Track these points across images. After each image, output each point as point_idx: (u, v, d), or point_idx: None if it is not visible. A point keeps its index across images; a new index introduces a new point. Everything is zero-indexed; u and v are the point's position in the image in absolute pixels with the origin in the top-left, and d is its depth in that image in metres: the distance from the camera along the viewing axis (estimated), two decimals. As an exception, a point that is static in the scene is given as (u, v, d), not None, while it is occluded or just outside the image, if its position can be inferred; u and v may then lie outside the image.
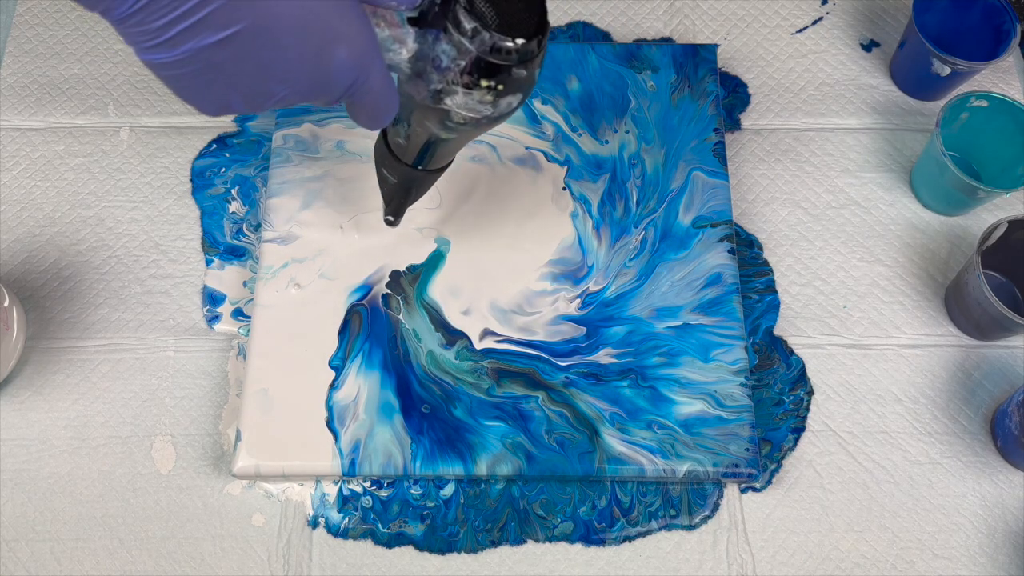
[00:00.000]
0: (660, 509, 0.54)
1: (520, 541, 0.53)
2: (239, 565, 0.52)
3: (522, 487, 0.54)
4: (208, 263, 0.60)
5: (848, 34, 0.69)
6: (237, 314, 0.59)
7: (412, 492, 0.54)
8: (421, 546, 0.53)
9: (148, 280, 0.60)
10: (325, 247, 0.58)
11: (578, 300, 0.57)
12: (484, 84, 0.38)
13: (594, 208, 0.60)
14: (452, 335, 0.56)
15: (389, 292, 0.57)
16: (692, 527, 0.54)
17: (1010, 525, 0.54)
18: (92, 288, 0.59)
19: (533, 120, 0.62)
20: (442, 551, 0.53)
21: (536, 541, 0.53)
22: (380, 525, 0.53)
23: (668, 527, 0.54)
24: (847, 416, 0.57)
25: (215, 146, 0.64)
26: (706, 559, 0.53)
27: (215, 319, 0.59)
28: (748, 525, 0.54)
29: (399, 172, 0.48)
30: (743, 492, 0.55)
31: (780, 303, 0.60)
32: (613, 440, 0.53)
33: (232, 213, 0.62)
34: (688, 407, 0.54)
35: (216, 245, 0.61)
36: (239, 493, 0.54)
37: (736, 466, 0.52)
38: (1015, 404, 0.53)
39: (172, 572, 0.52)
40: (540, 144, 0.62)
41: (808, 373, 0.58)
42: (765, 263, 0.61)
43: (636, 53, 0.64)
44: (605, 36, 0.69)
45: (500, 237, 0.59)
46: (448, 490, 0.54)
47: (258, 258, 0.58)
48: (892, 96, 0.67)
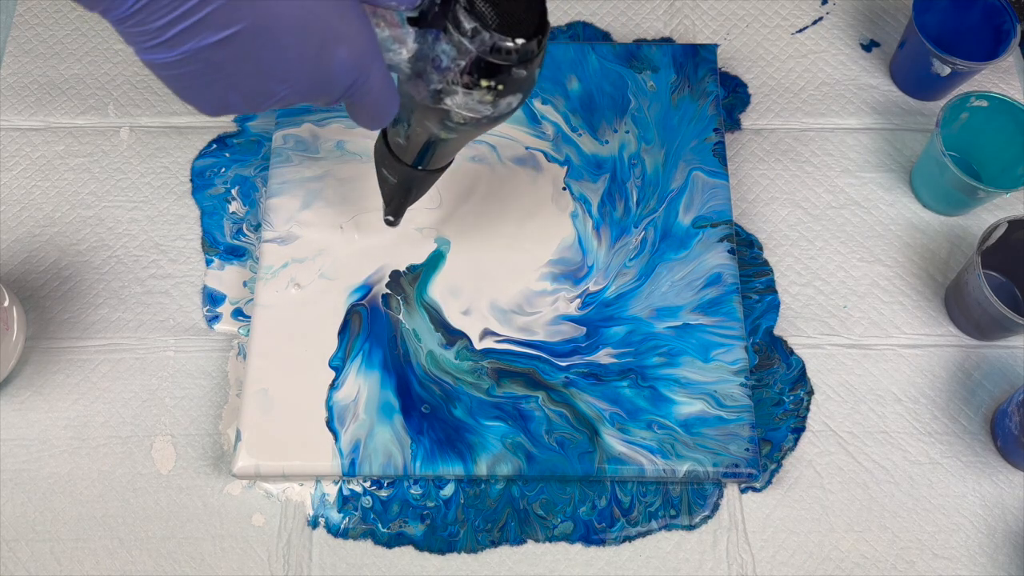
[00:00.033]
0: (660, 509, 0.54)
1: (520, 541, 0.53)
2: (239, 565, 0.52)
3: (522, 487, 0.54)
4: (208, 263, 0.60)
5: (848, 34, 0.69)
6: (237, 314, 0.59)
7: (412, 492, 0.54)
8: (421, 546, 0.53)
9: (148, 280, 0.60)
10: (325, 247, 0.58)
11: (578, 300, 0.57)
12: (484, 84, 0.38)
13: (594, 208, 0.60)
14: (452, 335, 0.56)
15: (389, 292, 0.57)
16: (692, 527, 0.54)
17: (1010, 525, 0.54)
18: (92, 288, 0.59)
19: (533, 120, 0.62)
20: (442, 551, 0.53)
21: (536, 541, 0.53)
22: (380, 525, 0.53)
23: (668, 527, 0.54)
24: (847, 416, 0.57)
25: (215, 146, 0.64)
26: (706, 559, 0.53)
27: (215, 319, 0.59)
28: (748, 525, 0.54)
29: (399, 172, 0.48)
30: (743, 492, 0.55)
31: (780, 303, 0.60)
32: (613, 440, 0.53)
33: (232, 213, 0.62)
34: (688, 407, 0.54)
35: (216, 245, 0.61)
36: (239, 493, 0.54)
37: (736, 466, 0.52)
38: (1015, 404, 0.53)
39: (172, 572, 0.52)
40: (540, 144, 0.62)
41: (808, 373, 0.58)
42: (765, 263, 0.61)
43: (636, 53, 0.64)
44: (605, 36, 0.69)
45: (500, 237, 0.59)
46: (448, 490, 0.54)
47: (258, 258, 0.58)
48: (892, 96, 0.67)
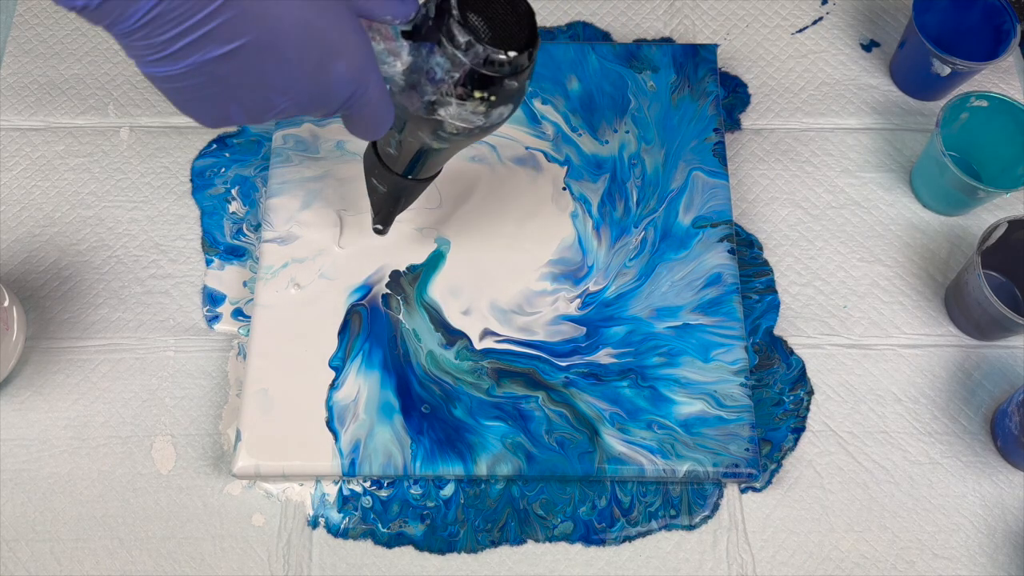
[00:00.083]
0: (660, 509, 0.54)
1: (520, 541, 0.53)
2: (239, 565, 0.52)
3: (522, 487, 0.54)
4: (208, 263, 0.60)
5: (848, 34, 0.69)
6: (237, 314, 0.59)
7: (412, 492, 0.54)
8: (421, 546, 0.53)
9: (148, 280, 0.60)
10: (325, 247, 0.58)
11: (578, 300, 0.57)
12: (477, 95, 0.39)
13: (594, 208, 0.60)
14: (452, 335, 0.56)
15: (389, 292, 0.57)
16: (692, 527, 0.54)
17: (1010, 525, 0.54)
18: (92, 288, 0.59)
19: (533, 120, 0.62)
20: (442, 551, 0.53)
21: (536, 541, 0.53)
22: (380, 525, 0.53)
23: (668, 527, 0.54)
24: (847, 416, 0.57)
25: (215, 146, 0.64)
26: (706, 559, 0.53)
27: (215, 319, 0.59)
28: (748, 525, 0.54)
29: (389, 181, 0.49)
30: (743, 492, 0.55)
31: (780, 303, 0.60)
32: (613, 440, 0.53)
33: (232, 213, 0.62)
34: (688, 407, 0.54)
35: (216, 245, 0.61)
36: (239, 493, 0.54)
37: (736, 466, 0.52)
38: (1015, 404, 0.53)
39: (172, 572, 0.52)
40: (540, 144, 0.62)
41: (808, 373, 0.58)
42: (765, 263, 0.61)
43: (636, 53, 0.64)
44: (605, 36, 0.69)
45: (500, 237, 0.59)
46: (448, 490, 0.54)
47: (258, 258, 0.58)
48: (892, 96, 0.67)
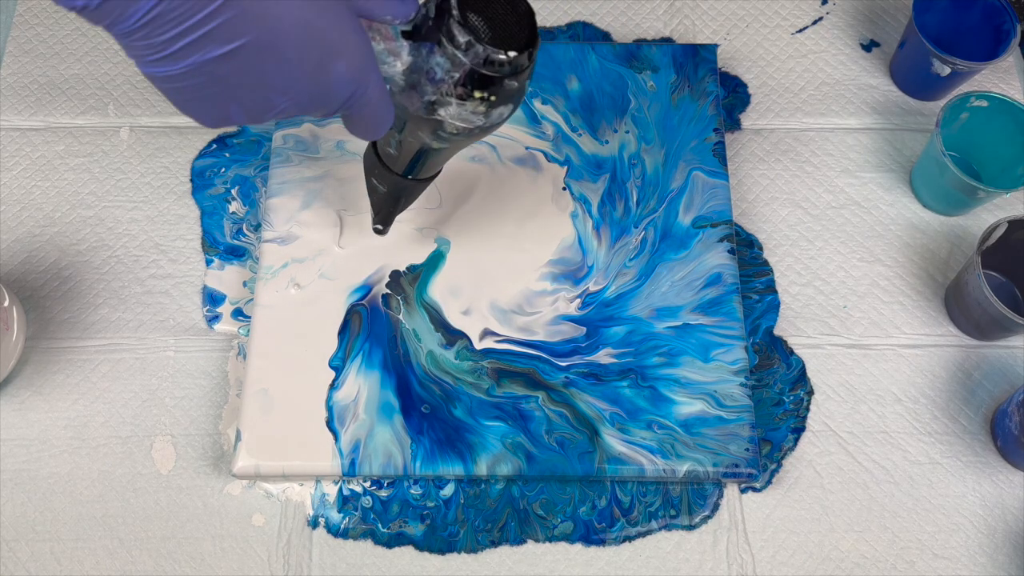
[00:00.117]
0: (660, 509, 0.54)
1: (520, 541, 0.53)
2: (239, 565, 0.52)
3: (522, 487, 0.54)
4: (208, 263, 0.60)
5: (848, 34, 0.69)
6: (237, 314, 0.59)
7: (412, 492, 0.54)
8: (421, 546, 0.53)
9: (148, 280, 0.60)
10: (325, 247, 0.58)
11: (578, 300, 0.57)
12: (477, 95, 0.39)
13: (594, 208, 0.60)
14: (452, 335, 0.56)
15: (389, 292, 0.57)
16: (692, 527, 0.54)
17: (1010, 525, 0.54)
18: (92, 288, 0.59)
19: (533, 120, 0.62)
20: (442, 551, 0.53)
21: (536, 541, 0.53)
22: (380, 525, 0.53)
23: (668, 527, 0.54)
24: (847, 416, 0.57)
25: (215, 146, 0.64)
26: (706, 559, 0.53)
27: (215, 319, 0.59)
28: (748, 525, 0.54)
29: (389, 181, 0.49)
30: (743, 492, 0.55)
31: (780, 303, 0.60)
32: (613, 440, 0.53)
33: (232, 213, 0.62)
34: (688, 407, 0.54)
35: (216, 245, 0.61)
36: (239, 493, 0.54)
37: (736, 466, 0.52)
38: (1015, 404, 0.53)
39: (172, 572, 0.52)
40: (540, 144, 0.62)
41: (808, 373, 0.58)
42: (765, 263, 0.61)
43: (636, 53, 0.64)
44: (605, 36, 0.69)
45: (500, 237, 0.59)
46: (448, 490, 0.54)
47: (258, 258, 0.58)
48: (892, 96, 0.67)
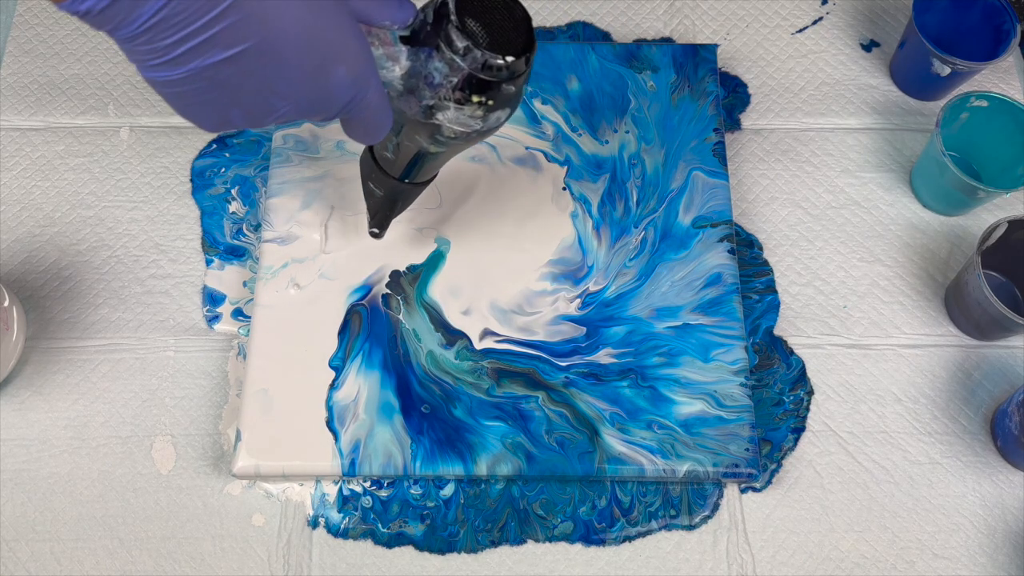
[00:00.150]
0: (660, 509, 0.54)
1: (520, 541, 0.53)
2: (239, 565, 0.52)
3: (522, 487, 0.54)
4: (208, 263, 0.60)
5: (848, 34, 0.69)
6: (237, 314, 0.59)
7: (412, 492, 0.54)
8: (421, 546, 0.53)
9: (148, 280, 0.60)
10: (331, 246, 0.58)
11: (578, 300, 0.57)
12: (475, 100, 0.39)
13: (594, 208, 0.60)
14: (452, 335, 0.56)
15: (389, 292, 0.57)
16: (692, 527, 0.54)
17: (1010, 525, 0.54)
18: (92, 288, 0.59)
19: (533, 120, 0.62)
20: (442, 551, 0.53)
21: (536, 541, 0.53)
22: (380, 525, 0.53)
23: (668, 527, 0.54)
24: (847, 416, 0.57)
25: (215, 146, 0.64)
26: (706, 559, 0.53)
27: (215, 319, 0.59)
28: (748, 525, 0.54)
29: (386, 185, 0.49)
30: (743, 492, 0.55)
31: (780, 303, 0.60)
32: (613, 440, 0.53)
33: (232, 213, 0.62)
34: (688, 407, 0.54)
35: (216, 245, 0.61)
36: (239, 493, 0.54)
37: (736, 466, 0.52)
38: (1015, 404, 0.53)
39: (172, 572, 0.52)
40: (540, 144, 0.62)
41: (808, 373, 0.58)
42: (765, 263, 0.61)
43: (636, 53, 0.64)
44: (605, 36, 0.69)
45: (500, 237, 0.59)
46: (448, 490, 0.54)
47: (258, 258, 0.58)
48: (892, 96, 0.67)
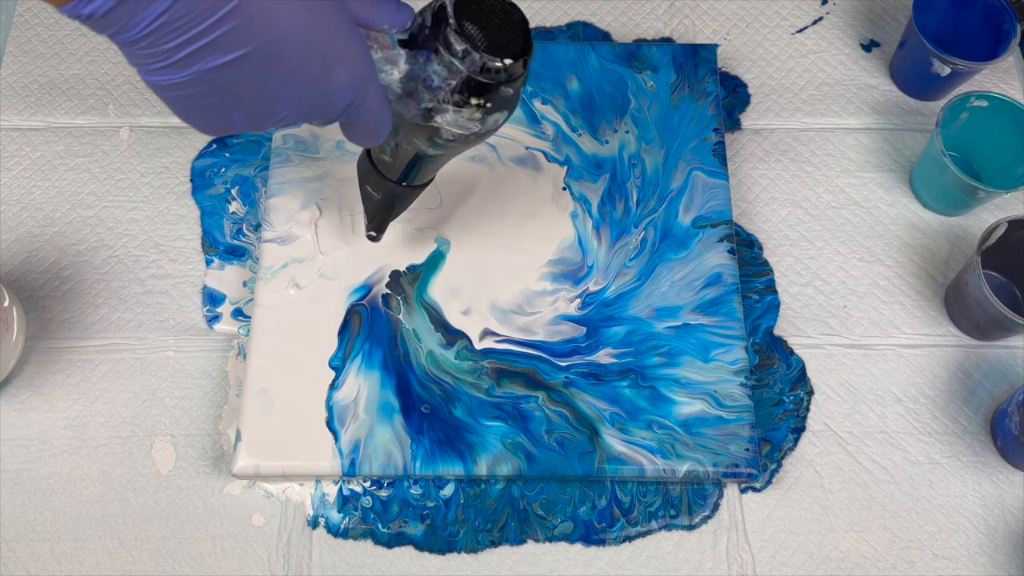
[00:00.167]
0: (660, 509, 0.54)
1: (520, 541, 0.53)
2: (239, 565, 0.52)
3: (522, 487, 0.54)
4: (208, 263, 0.60)
5: (848, 34, 0.69)
6: (237, 314, 0.59)
7: (412, 492, 0.54)
8: (421, 546, 0.53)
9: (148, 280, 0.60)
10: (325, 247, 0.58)
11: (578, 300, 0.57)
12: (474, 102, 0.40)
13: (594, 208, 0.60)
14: (452, 335, 0.56)
15: (389, 292, 0.57)
16: (692, 527, 0.54)
17: (1010, 525, 0.54)
18: (92, 288, 0.59)
19: (533, 120, 0.62)
20: (442, 551, 0.53)
21: (536, 541, 0.53)
22: (380, 525, 0.53)
23: (668, 527, 0.54)
24: (847, 416, 0.57)
25: (215, 146, 0.64)
26: (706, 559, 0.53)
27: (215, 319, 0.59)
28: (748, 525, 0.54)
29: (383, 188, 0.50)
30: (743, 492, 0.55)
31: (780, 303, 0.60)
32: (613, 440, 0.53)
33: (232, 213, 0.62)
34: (688, 407, 0.54)
35: (216, 245, 0.61)
36: (239, 493, 0.54)
37: (736, 466, 0.52)
38: (1015, 404, 0.53)
39: (172, 572, 0.52)
40: (540, 144, 0.62)
41: (808, 373, 0.58)
42: (765, 263, 0.61)
43: (636, 53, 0.64)
44: (605, 36, 0.69)
45: (500, 237, 0.59)
46: (448, 490, 0.54)
47: (258, 258, 0.58)
48: (892, 96, 0.67)
